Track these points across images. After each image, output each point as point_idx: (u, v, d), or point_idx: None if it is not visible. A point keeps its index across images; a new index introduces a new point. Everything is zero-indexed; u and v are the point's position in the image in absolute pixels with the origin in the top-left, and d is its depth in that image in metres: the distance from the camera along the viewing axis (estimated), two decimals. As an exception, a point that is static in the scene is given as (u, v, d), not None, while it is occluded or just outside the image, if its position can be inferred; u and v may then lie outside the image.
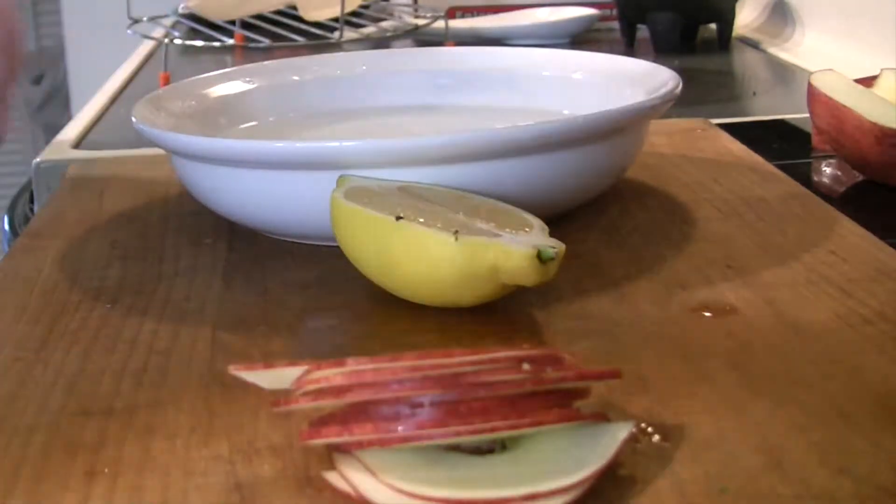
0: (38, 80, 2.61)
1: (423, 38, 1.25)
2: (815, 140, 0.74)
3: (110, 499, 0.34)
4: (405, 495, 0.32)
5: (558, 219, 0.53)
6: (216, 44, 1.12)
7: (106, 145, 0.85)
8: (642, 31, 1.26)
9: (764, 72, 1.19)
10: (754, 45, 1.27)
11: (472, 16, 1.34)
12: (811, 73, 0.67)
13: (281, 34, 1.13)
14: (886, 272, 0.48)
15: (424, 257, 0.44)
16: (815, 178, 0.70)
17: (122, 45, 1.34)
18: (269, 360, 0.43)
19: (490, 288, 0.44)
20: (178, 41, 1.15)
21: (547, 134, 0.51)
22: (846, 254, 0.51)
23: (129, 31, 1.14)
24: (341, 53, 0.77)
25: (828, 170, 0.71)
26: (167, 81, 1.03)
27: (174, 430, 0.38)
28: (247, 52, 1.20)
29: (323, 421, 0.34)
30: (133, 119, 0.57)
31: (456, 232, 0.43)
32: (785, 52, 1.19)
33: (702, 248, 0.52)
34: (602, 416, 0.34)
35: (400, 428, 0.33)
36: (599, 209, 0.58)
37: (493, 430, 0.32)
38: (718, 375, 0.40)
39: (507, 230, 0.45)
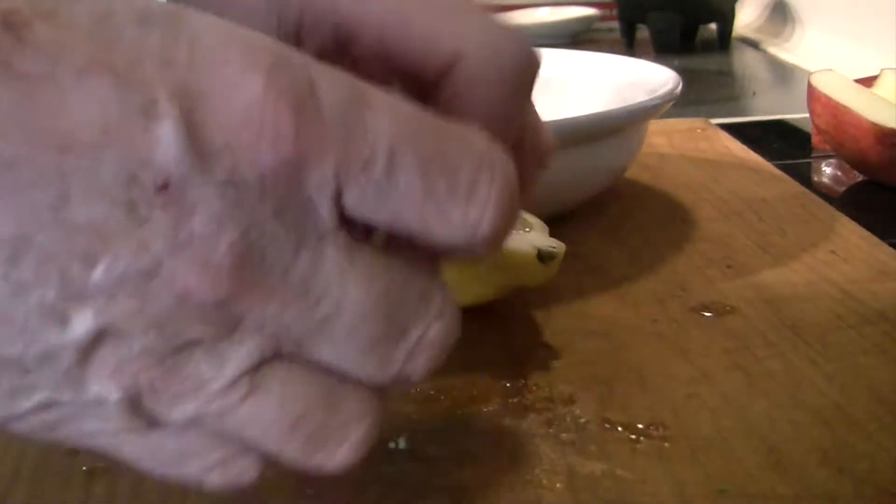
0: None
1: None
2: (815, 140, 0.74)
3: (110, 499, 0.34)
4: None
5: (558, 219, 0.53)
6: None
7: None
8: (642, 31, 1.26)
9: (764, 72, 1.19)
10: (754, 45, 1.27)
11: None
12: (811, 73, 0.67)
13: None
14: (886, 272, 0.48)
15: (424, 257, 0.44)
16: (815, 178, 0.70)
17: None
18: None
19: (490, 288, 0.44)
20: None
21: (547, 134, 0.51)
22: (846, 254, 0.51)
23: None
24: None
25: (828, 170, 0.71)
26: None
27: (174, 430, 0.38)
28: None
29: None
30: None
31: (456, 232, 0.43)
32: (785, 52, 1.19)
33: (702, 248, 0.52)
34: None
35: None
36: (599, 209, 0.58)
37: None
38: (718, 375, 0.40)
39: (507, 230, 0.45)
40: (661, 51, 1.22)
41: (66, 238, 0.22)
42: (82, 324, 0.23)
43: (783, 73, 1.15)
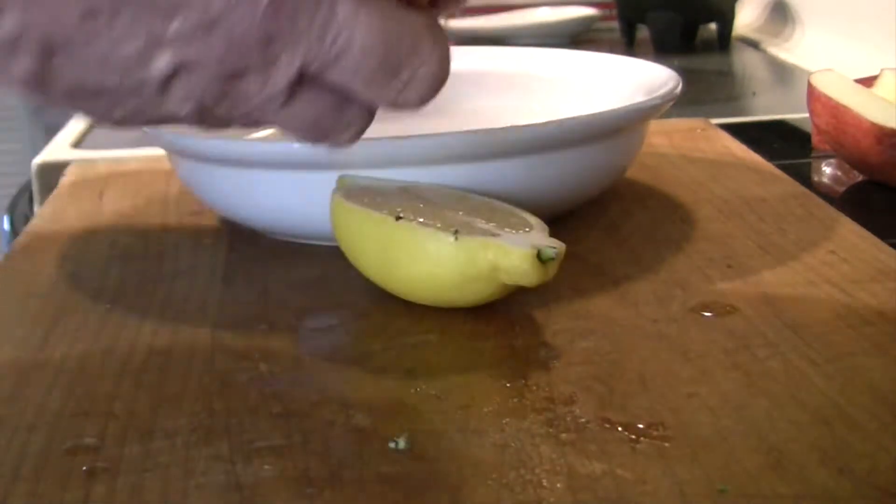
0: (38, 80, 2.60)
1: (423, 38, 1.25)
2: (815, 140, 0.74)
3: (110, 499, 0.34)
4: None
5: (558, 219, 0.53)
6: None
7: (106, 145, 0.85)
8: (642, 31, 1.26)
9: (764, 72, 1.19)
10: (754, 45, 1.27)
11: (473, 16, 1.34)
12: (811, 73, 0.67)
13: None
14: (886, 272, 0.48)
15: (424, 257, 0.44)
16: (815, 178, 0.70)
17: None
18: (268, 360, 0.43)
19: (490, 288, 0.44)
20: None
21: (547, 134, 0.51)
22: (846, 254, 0.51)
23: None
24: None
25: (828, 170, 0.71)
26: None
27: (174, 429, 0.38)
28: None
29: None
30: (133, 119, 0.57)
31: (456, 232, 0.43)
32: (785, 52, 1.19)
33: (702, 248, 0.52)
34: None
35: None
36: (599, 209, 0.58)
37: None
38: (718, 375, 0.40)
39: (507, 230, 0.45)
40: (661, 51, 1.21)
41: (149, 6, 0.31)
42: (162, 62, 0.32)
43: (783, 73, 1.15)
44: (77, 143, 0.88)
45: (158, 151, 0.66)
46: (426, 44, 0.36)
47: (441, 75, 0.37)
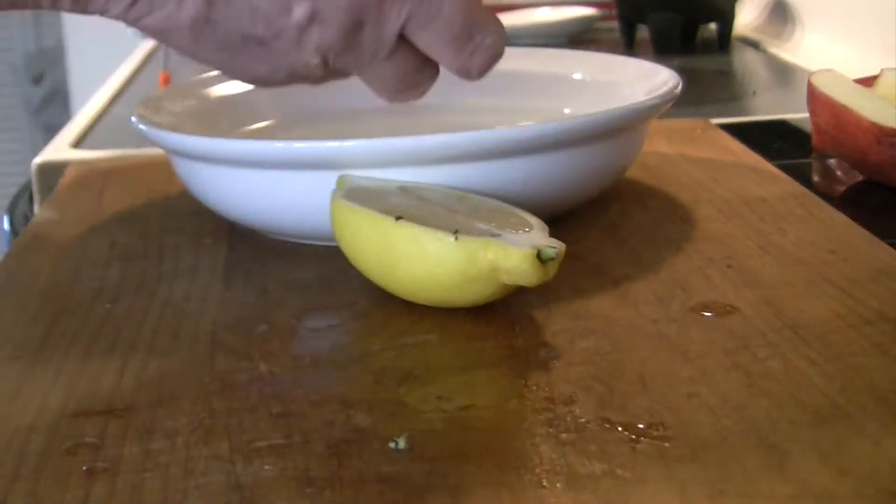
0: (38, 80, 2.61)
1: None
2: (815, 140, 0.74)
3: (110, 499, 0.34)
4: None
5: (558, 219, 0.53)
6: (216, 44, 1.12)
7: (106, 145, 0.85)
8: (642, 31, 1.26)
9: (764, 72, 1.19)
10: (754, 45, 1.27)
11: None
12: (811, 73, 0.67)
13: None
14: (886, 272, 0.48)
15: (424, 257, 0.44)
16: (815, 178, 0.70)
17: (122, 45, 1.33)
18: (268, 360, 0.43)
19: (490, 288, 0.44)
20: (178, 41, 1.15)
21: (547, 134, 0.51)
22: (846, 254, 0.51)
23: (129, 31, 1.14)
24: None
25: (828, 170, 0.71)
26: (167, 81, 1.03)
27: (174, 429, 0.38)
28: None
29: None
30: (133, 119, 0.57)
31: (456, 232, 0.43)
32: (785, 52, 1.19)
33: (702, 248, 0.52)
34: None
35: None
36: (599, 209, 0.58)
37: None
38: (718, 375, 0.40)
39: (507, 230, 0.45)
40: (661, 51, 1.21)
41: None
42: (300, 11, 0.41)
43: (783, 73, 1.15)
44: (77, 143, 0.87)
45: (158, 151, 0.66)
46: (492, 19, 0.45)
47: (501, 48, 0.46)
